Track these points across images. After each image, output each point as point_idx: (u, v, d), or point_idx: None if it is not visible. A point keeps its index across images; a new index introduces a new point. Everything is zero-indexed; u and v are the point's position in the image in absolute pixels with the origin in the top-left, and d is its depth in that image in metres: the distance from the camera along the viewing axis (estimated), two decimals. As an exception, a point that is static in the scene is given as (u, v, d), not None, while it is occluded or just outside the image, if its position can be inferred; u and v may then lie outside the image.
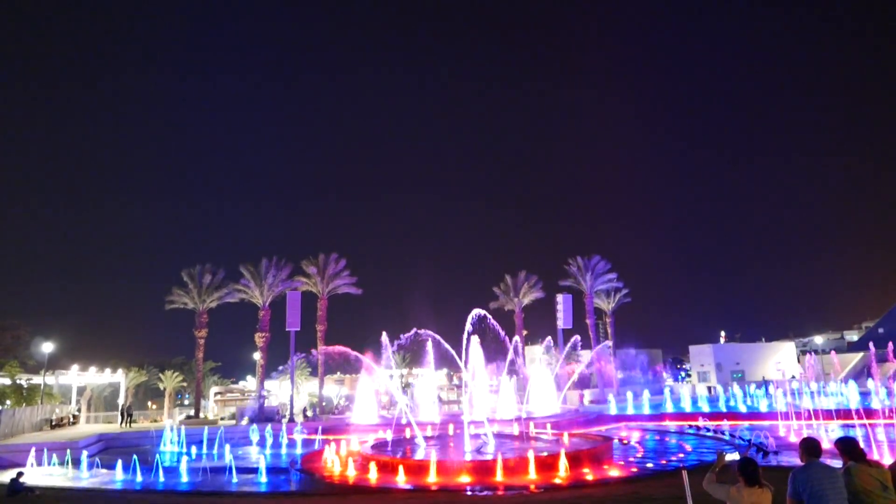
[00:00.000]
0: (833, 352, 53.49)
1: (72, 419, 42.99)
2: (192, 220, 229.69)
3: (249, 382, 78.36)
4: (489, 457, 19.70)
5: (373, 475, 18.95)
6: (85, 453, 24.01)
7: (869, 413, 26.42)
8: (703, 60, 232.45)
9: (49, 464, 24.35)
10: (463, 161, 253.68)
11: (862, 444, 6.33)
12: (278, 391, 66.52)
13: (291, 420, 40.38)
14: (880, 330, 64.69)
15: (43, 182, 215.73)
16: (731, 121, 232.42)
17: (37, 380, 47.42)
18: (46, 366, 45.12)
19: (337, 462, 21.26)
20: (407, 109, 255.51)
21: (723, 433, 26.54)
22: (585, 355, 55.99)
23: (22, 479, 18.23)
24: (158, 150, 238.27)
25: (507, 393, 40.10)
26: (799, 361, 63.38)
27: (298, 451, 27.13)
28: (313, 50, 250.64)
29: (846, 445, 6.13)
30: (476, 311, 29.42)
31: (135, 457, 21.76)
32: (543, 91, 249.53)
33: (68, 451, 24.67)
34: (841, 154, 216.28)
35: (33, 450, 24.57)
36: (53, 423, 38.98)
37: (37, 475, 21.83)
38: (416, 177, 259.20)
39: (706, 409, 37.39)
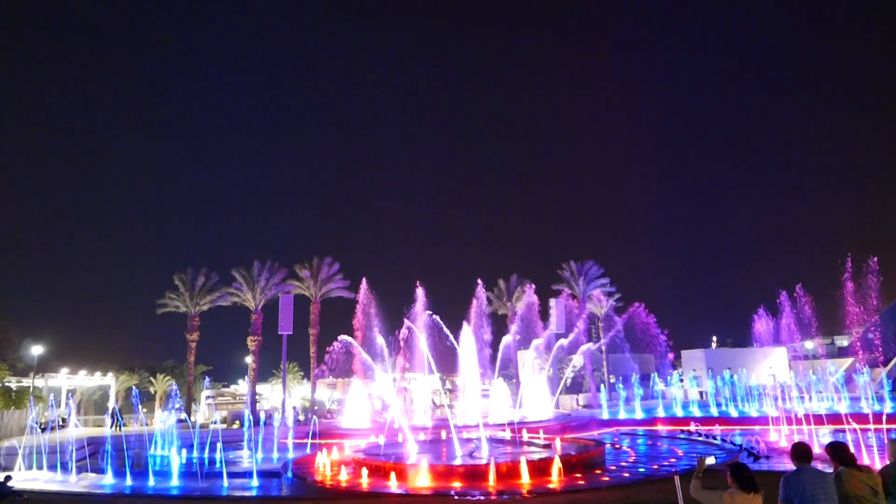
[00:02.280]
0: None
1: (61, 422, 42.67)
2: (184, 224, 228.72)
3: (241, 386, 78.06)
4: (482, 461, 19.69)
5: (365, 479, 18.91)
6: (74, 457, 23.80)
7: (859, 418, 26.54)
8: (694, 65, 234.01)
9: (38, 467, 24.15)
10: (455, 165, 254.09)
11: (852, 449, 6.38)
12: (270, 395, 66.29)
13: (283, 424, 40.19)
14: (870, 335, 65.06)
15: (32, 184, 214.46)
16: (725, 127, 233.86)
17: (26, 382, 47.06)
18: (36, 369, 44.83)
19: (329, 466, 21.19)
20: (399, 114, 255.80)
21: (714, 438, 26.61)
22: (578, 360, 56.11)
23: (10, 483, 18.08)
24: (150, 154, 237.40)
25: (499, 397, 40.09)
26: (790, 367, 63.72)
27: (290, 455, 27.02)
28: (306, 56, 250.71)
29: (836, 450, 6.19)
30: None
31: (125, 460, 21.59)
32: (535, 95, 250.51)
33: (57, 454, 24.43)
34: (834, 160, 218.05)
35: (21, 453, 24.36)
36: (42, 427, 38.66)
37: (25, 479, 21.66)
38: (408, 181, 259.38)
39: (697, 413, 37.51)
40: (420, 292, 31.27)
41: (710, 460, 6.27)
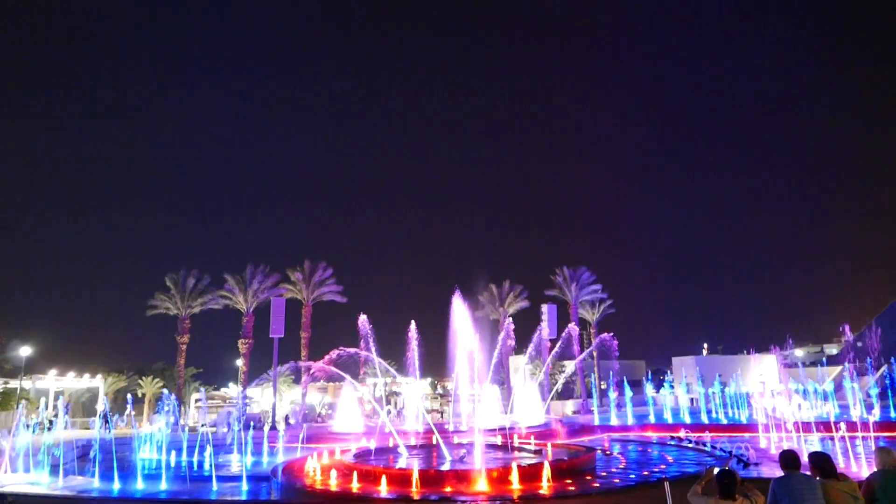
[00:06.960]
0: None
1: (48, 424, 42.23)
2: (176, 227, 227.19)
3: (231, 389, 77.52)
4: (472, 466, 19.66)
5: (355, 484, 18.84)
6: (61, 459, 23.59)
7: (849, 425, 26.67)
8: (686, 75, 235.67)
9: (24, 470, 23.90)
10: (449, 172, 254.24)
11: (840, 458, 6.45)
12: (260, 398, 65.93)
13: (273, 427, 40.01)
14: (859, 343, 65.48)
15: (22, 186, 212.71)
16: (714, 135, 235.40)
17: (13, 384, 46.60)
18: (24, 370, 44.39)
19: (319, 470, 21.09)
20: (394, 119, 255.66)
21: (704, 444, 26.68)
22: (570, 365, 56.19)
23: (-4, 486, 17.91)
24: (142, 157, 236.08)
25: (490, 402, 40.05)
26: (780, 374, 64.11)
27: (280, 459, 26.88)
28: (302, 62, 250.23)
29: (817, 461, 6.27)
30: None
31: (113, 463, 21.43)
32: (529, 103, 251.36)
33: (44, 456, 24.22)
34: (823, 168, 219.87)
35: (7, 455, 24.10)
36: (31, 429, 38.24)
37: (11, 482, 21.44)
38: (402, 187, 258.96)
39: (688, 420, 37.62)
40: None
41: (717, 471, 6.42)
